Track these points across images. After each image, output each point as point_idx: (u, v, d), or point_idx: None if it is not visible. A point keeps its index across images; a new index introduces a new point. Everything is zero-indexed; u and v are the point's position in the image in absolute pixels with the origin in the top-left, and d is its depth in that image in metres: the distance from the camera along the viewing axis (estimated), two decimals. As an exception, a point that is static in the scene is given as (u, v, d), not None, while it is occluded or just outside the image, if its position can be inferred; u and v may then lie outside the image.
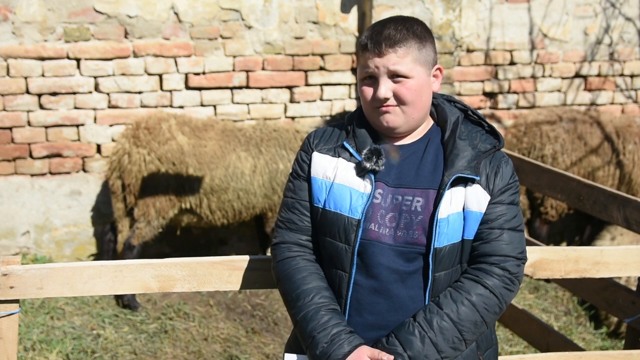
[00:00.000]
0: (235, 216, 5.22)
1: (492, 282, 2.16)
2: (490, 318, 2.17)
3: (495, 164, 2.23)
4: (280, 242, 2.32)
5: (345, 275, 2.21)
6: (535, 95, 6.25)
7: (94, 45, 5.24)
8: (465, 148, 2.21)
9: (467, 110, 2.34)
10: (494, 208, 2.19)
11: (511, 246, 2.19)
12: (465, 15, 5.87)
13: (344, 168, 2.23)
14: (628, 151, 5.78)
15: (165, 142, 4.99)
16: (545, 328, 4.08)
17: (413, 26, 2.20)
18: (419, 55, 2.18)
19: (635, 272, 2.85)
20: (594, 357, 3.16)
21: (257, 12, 5.52)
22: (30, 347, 4.44)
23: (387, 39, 2.15)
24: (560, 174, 3.97)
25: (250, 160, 5.13)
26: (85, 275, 2.43)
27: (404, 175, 2.21)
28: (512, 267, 2.18)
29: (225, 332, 4.79)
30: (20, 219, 5.37)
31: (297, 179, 2.32)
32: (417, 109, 2.20)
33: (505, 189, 2.21)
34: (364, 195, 2.18)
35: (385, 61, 2.16)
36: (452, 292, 2.16)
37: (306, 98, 5.73)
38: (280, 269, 2.29)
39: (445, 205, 2.15)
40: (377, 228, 2.18)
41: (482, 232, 2.19)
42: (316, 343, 2.13)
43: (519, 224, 2.23)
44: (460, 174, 2.16)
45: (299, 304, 2.20)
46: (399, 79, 2.17)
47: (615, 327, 5.03)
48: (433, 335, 2.10)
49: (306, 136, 2.36)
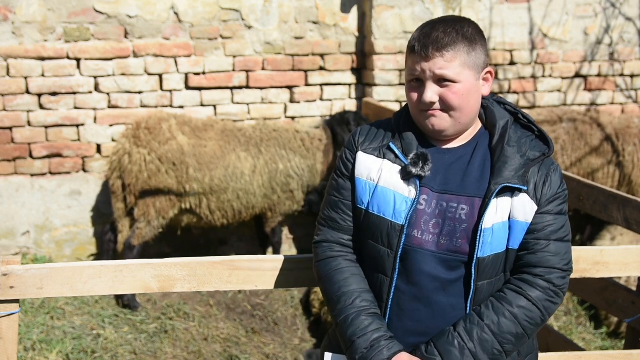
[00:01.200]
0: (235, 216, 5.22)
1: (535, 295, 2.12)
2: (531, 330, 2.14)
3: (544, 173, 2.17)
4: (322, 240, 2.29)
5: (387, 280, 2.18)
6: (535, 95, 6.25)
7: (94, 45, 5.24)
8: (514, 155, 2.15)
9: (518, 113, 2.27)
10: (541, 218, 2.15)
11: (557, 258, 2.15)
12: (465, 15, 5.87)
13: (389, 170, 2.19)
14: (628, 153, 5.78)
15: (165, 142, 4.99)
16: (545, 328, 4.08)
17: (464, 28, 2.12)
18: (467, 59, 2.11)
19: (635, 272, 2.85)
20: (594, 357, 3.16)
21: (257, 12, 5.52)
22: (31, 347, 4.44)
23: (435, 42, 2.09)
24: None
25: (250, 161, 5.12)
26: (85, 275, 2.43)
27: (449, 181, 2.17)
28: (557, 279, 2.15)
29: (225, 332, 4.79)
30: (20, 219, 5.37)
31: (340, 177, 2.28)
32: (464, 114, 2.15)
33: (553, 198, 2.16)
34: (409, 200, 2.14)
35: (432, 65, 2.10)
36: (494, 302, 2.13)
37: (306, 98, 5.72)
38: (322, 268, 2.27)
39: (491, 214, 2.11)
40: (420, 235, 2.15)
41: (528, 242, 2.15)
42: (356, 348, 2.11)
43: (566, 234, 2.18)
44: (508, 183, 2.11)
45: (340, 307, 2.17)
46: (446, 83, 2.11)
47: (615, 327, 5.03)
48: (472, 347, 2.08)
49: (351, 134, 2.31)
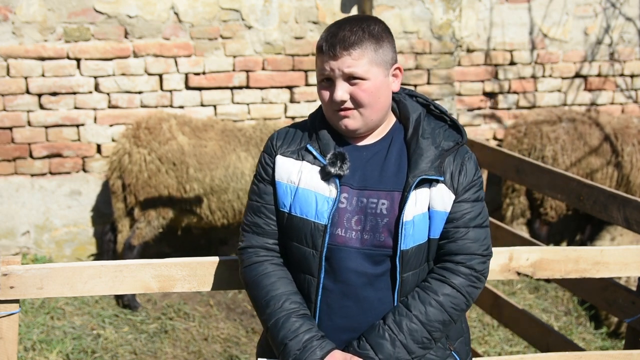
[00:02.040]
0: (236, 216, 5.22)
1: (458, 281, 2.17)
2: (457, 316, 2.19)
3: (459, 162, 2.21)
4: (247, 246, 2.29)
5: (314, 280, 2.19)
6: (535, 95, 6.25)
7: (94, 45, 5.24)
8: (428, 147, 2.19)
9: (430, 104, 2.31)
10: (459, 206, 2.19)
11: (477, 244, 2.20)
12: (465, 15, 5.87)
13: (308, 172, 2.20)
14: (626, 153, 5.78)
15: (165, 142, 4.99)
16: (545, 328, 4.08)
17: (370, 26, 2.14)
18: (375, 57, 2.13)
19: (635, 272, 2.85)
20: (594, 357, 3.16)
21: (257, 12, 5.52)
22: (31, 347, 4.44)
23: (342, 41, 2.11)
24: (560, 174, 3.97)
25: (250, 161, 5.12)
26: (85, 275, 2.43)
27: (368, 177, 2.19)
28: (478, 265, 2.19)
29: (225, 332, 4.79)
30: (20, 219, 5.37)
31: (261, 182, 2.29)
32: (375, 111, 2.18)
33: (469, 186, 2.20)
34: (330, 200, 2.16)
35: (340, 64, 2.12)
36: (419, 293, 2.17)
37: (306, 98, 5.72)
38: (248, 274, 2.27)
39: (411, 207, 2.14)
40: (344, 232, 2.17)
41: (448, 230, 2.19)
42: (289, 350, 2.13)
43: (483, 220, 2.23)
44: (425, 175, 2.15)
45: (269, 311, 2.19)
46: (355, 81, 2.13)
47: (616, 327, 5.03)
48: (403, 338, 2.12)
49: (269, 137, 2.33)
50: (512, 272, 2.78)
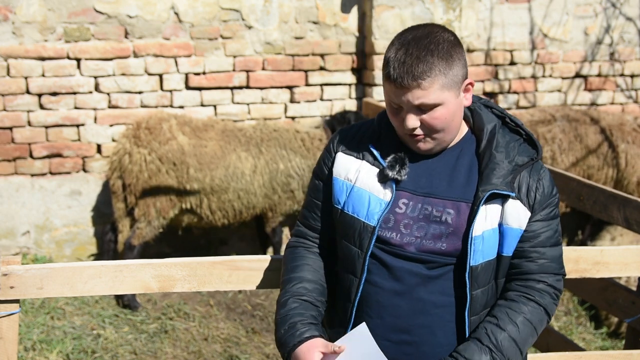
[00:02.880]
0: (236, 216, 5.22)
1: (543, 300, 2.16)
2: (540, 332, 2.21)
3: (535, 179, 2.15)
4: (295, 234, 2.38)
5: (355, 280, 2.18)
6: (535, 95, 6.25)
7: (94, 45, 5.24)
8: (502, 161, 2.12)
9: (505, 117, 2.25)
10: (535, 225, 2.14)
11: (555, 263, 2.18)
12: (465, 15, 5.87)
13: (366, 172, 2.18)
14: (621, 150, 5.79)
15: (165, 142, 4.99)
16: (545, 328, 4.07)
17: (439, 45, 2.02)
18: (445, 81, 2.03)
19: (635, 272, 2.85)
20: (594, 357, 3.16)
21: (257, 12, 5.52)
22: (31, 347, 4.44)
23: (410, 73, 2.00)
24: (560, 174, 3.97)
25: (251, 161, 5.12)
26: (85, 275, 2.43)
27: (434, 185, 2.15)
28: (557, 283, 2.19)
29: (225, 332, 4.79)
30: (21, 219, 5.37)
31: (316, 179, 2.31)
32: (448, 133, 2.12)
33: (546, 204, 2.15)
34: (383, 202, 2.13)
35: (410, 96, 2.03)
36: (508, 312, 2.14)
37: (306, 98, 5.72)
38: (285, 255, 2.36)
39: (480, 221, 2.09)
40: (400, 238, 2.13)
41: (525, 250, 2.15)
42: (278, 329, 2.18)
43: (559, 238, 2.20)
44: (496, 190, 2.09)
45: (282, 290, 2.25)
46: (427, 109, 2.06)
47: (616, 327, 5.03)
48: (499, 354, 2.10)
49: (332, 135, 2.32)
50: (512, 272, 2.77)
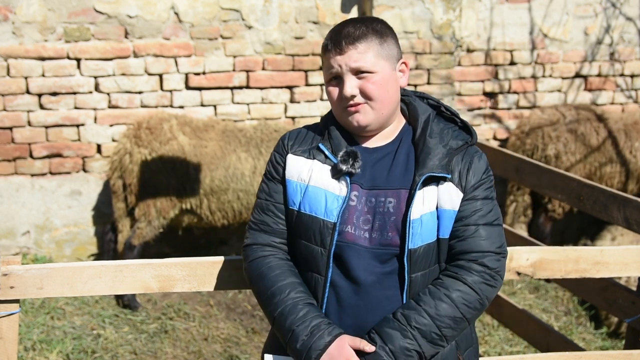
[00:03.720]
0: (236, 217, 5.22)
1: (471, 279, 2.15)
2: (470, 314, 2.16)
3: (468, 160, 2.20)
4: (251, 243, 2.29)
5: (321, 279, 2.19)
6: (535, 95, 6.25)
7: (94, 45, 5.24)
8: (436, 146, 2.19)
9: (440, 106, 2.32)
10: (467, 204, 2.18)
11: (489, 241, 2.17)
12: (465, 15, 5.87)
13: (319, 170, 2.21)
14: (635, 148, 5.80)
15: (166, 142, 4.99)
16: (545, 328, 4.08)
17: (372, 23, 2.20)
18: (380, 50, 2.17)
19: (635, 272, 2.85)
20: (594, 357, 3.16)
21: (257, 12, 5.52)
22: (31, 347, 4.44)
23: (347, 37, 2.16)
24: (560, 174, 3.97)
25: (251, 161, 5.12)
26: (85, 275, 2.43)
27: (377, 177, 2.20)
28: (491, 262, 2.17)
29: (225, 332, 4.79)
30: (21, 219, 5.37)
31: (271, 181, 2.30)
32: (385, 104, 2.19)
33: (478, 184, 2.19)
34: (340, 198, 2.17)
35: (347, 59, 2.16)
36: (431, 288, 2.16)
37: (306, 98, 5.72)
38: (253, 268, 2.26)
39: (418, 205, 2.13)
40: (353, 230, 2.17)
41: (458, 229, 2.18)
42: (296, 337, 2.12)
43: (495, 218, 2.21)
44: (431, 173, 2.15)
45: (275, 301, 2.18)
46: (364, 75, 2.16)
47: (616, 327, 5.03)
48: (412, 330, 2.10)
49: (280, 137, 2.34)
50: (512, 272, 2.78)
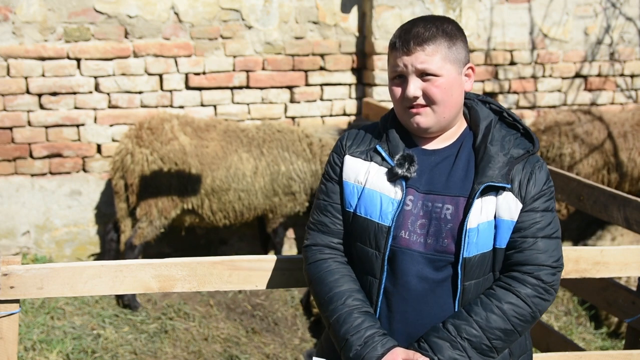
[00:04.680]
0: (237, 217, 5.22)
1: (525, 292, 2.12)
2: (522, 327, 2.13)
3: (529, 170, 2.17)
4: (311, 244, 2.30)
5: (376, 282, 2.19)
6: (535, 95, 6.25)
7: (94, 45, 5.24)
8: (497, 154, 2.16)
9: (503, 112, 2.29)
10: (527, 216, 2.15)
11: (546, 255, 2.15)
12: (465, 15, 5.87)
13: (375, 173, 2.20)
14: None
15: (167, 143, 4.99)
16: (545, 328, 4.09)
17: (443, 24, 2.16)
18: (448, 53, 2.14)
19: (635, 272, 2.85)
20: (594, 357, 3.16)
21: (257, 12, 5.52)
22: (31, 347, 4.44)
23: (416, 37, 2.12)
24: (560, 173, 3.97)
25: (252, 162, 5.11)
26: (85, 275, 2.43)
27: (434, 182, 2.18)
28: (547, 276, 2.14)
29: (225, 332, 4.79)
30: (21, 219, 5.37)
31: (329, 181, 2.30)
32: (448, 108, 2.16)
33: (538, 195, 2.16)
34: (395, 202, 2.16)
35: (414, 60, 2.12)
36: (482, 299, 2.13)
37: (306, 98, 5.72)
38: (313, 271, 2.27)
39: (475, 214, 2.11)
40: (408, 235, 2.16)
41: (515, 240, 2.15)
42: (350, 346, 2.12)
43: (554, 231, 2.18)
44: (491, 182, 2.12)
45: (332, 307, 2.18)
46: (428, 77, 2.13)
47: (616, 327, 5.03)
48: (462, 341, 2.08)
49: (339, 138, 2.33)
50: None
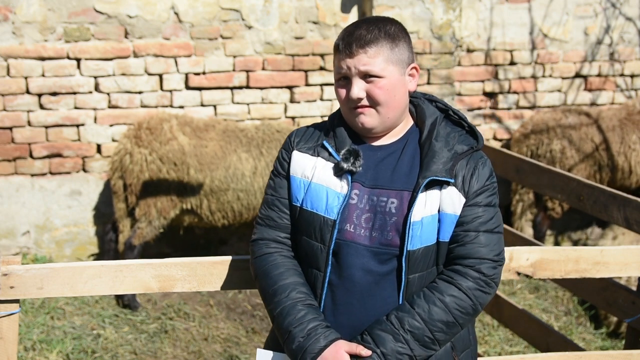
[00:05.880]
0: (236, 217, 5.22)
1: (466, 284, 2.15)
2: (463, 320, 2.17)
3: (472, 166, 2.21)
4: (258, 238, 2.33)
5: (320, 275, 2.22)
6: (535, 95, 6.25)
7: (94, 45, 5.24)
8: (441, 150, 2.20)
9: (448, 110, 2.33)
10: (469, 210, 2.18)
11: (487, 248, 2.18)
12: (465, 15, 5.87)
13: (322, 167, 2.24)
14: (633, 141, 5.81)
15: (166, 143, 4.99)
16: (545, 328, 4.08)
17: (386, 26, 2.19)
18: (390, 55, 2.17)
19: (635, 272, 2.85)
20: (594, 357, 3.16)
21: (257, 12, 5.52)
22: (31, 347, 4.44)
23: (358, 40, 2.15)
24: (560, 173, 3.97)
25: (251, 162, 5.12)
26: (85, 275, 2.43)
27: (380, 176, 2.22)
28: (488, 269, 2.17)
29: (225, 332, 4.79)
30: (21, 219, 5.37)
31: (277, 176, 2.33)
32: (391, 109, 2.20)
33: (481, 190, 2.20)
34: (340, 196, 2.19)
35: (356, 62, 2.16)
36: (425, 292, 2.17)
37: (306, 98, 5.72)
38: (258, 265, 2.30)
39: (419, 207, 2.15)
40: (353, 229, 2.19)
41: (458, 234, 2.18)
42: (292, 338, 2.15)
43: (495, 225, 2.21)
44: (435, 176, 2.16)
45: (276, 300, 2.21)
46: (372, 79, 2.17)
47: (615, 327, 5.03)
48: (405, 334, 2.11)
49: (288, 134, 2.37)
50: (512, 272, 2.78)
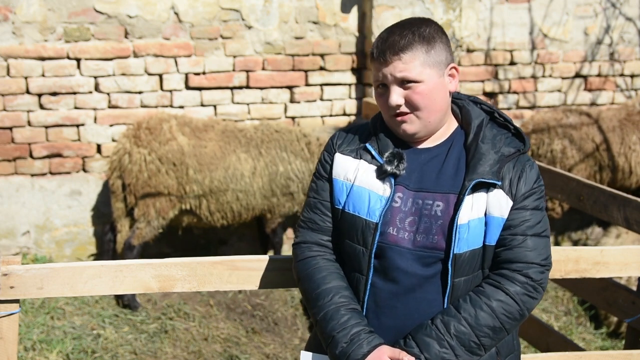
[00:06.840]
0: (235, 217, 5.21)
1: (513, 289, 2.13)
2: (510, 325, 2.14)
3: (519, 168, 2.19)
4: (301, 241, 2.32)
5: (363, 278, 2.20)
6: (535, 95, 6.25)
7: (94, 45, 5.24)
8: (488, 152, 2.18)
9: (494, 112, 2.30)
10: (516, 213, 2.16)
11: (535, 252, 2.16)
12: (465, 15, 5.87)
13: (365, 170, 2.22)
14: (633, 142, 5.80)
15: (165, 143, 4.98)
16: (545, 328, 4.09)
17: (420, 28, 2.15)
18: (427, 58, 2.14)
19: (635, 272, 2.85)
20: (594, 357, 3.16)
21: (257, 12, 5.52)
22: (31, 347, 4.44)
23: (391, 46, 2.13)
24: (560, 173, 3.97)
25: (250, 162, 5.11)
26: (85, 275, 2.43)
27: (425, 179, 2.19)
28: (535, 274, 2.15)
29: (225, 332, 4.79)
30: (21, 219, 5.37)
31: (319, 179, 2.32)
32: (432, 113, 2.18)
33: (528, 193, 2.18)
34: (383, 199, 2.17)
35: (392, 69, 2.14)
36: (472, 296, 2.14)
37: (306, 98, 5.72)
38: (301, 268, 2.29)
39: (466, 210, 2.13)
40: (396, 232, 2.17)
41: (505, 238, 2.16)
42: (336, 343, 2.13)
43: (543, 229, 2.19)
44: (482, 179, 2.13)
45: (319, 304, 2.20)
46: (409, 85, 2.14)
47: (615, 327, 5.03)
48: (450, 339, 2.09)
49: (330, 137, 2.35)
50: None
